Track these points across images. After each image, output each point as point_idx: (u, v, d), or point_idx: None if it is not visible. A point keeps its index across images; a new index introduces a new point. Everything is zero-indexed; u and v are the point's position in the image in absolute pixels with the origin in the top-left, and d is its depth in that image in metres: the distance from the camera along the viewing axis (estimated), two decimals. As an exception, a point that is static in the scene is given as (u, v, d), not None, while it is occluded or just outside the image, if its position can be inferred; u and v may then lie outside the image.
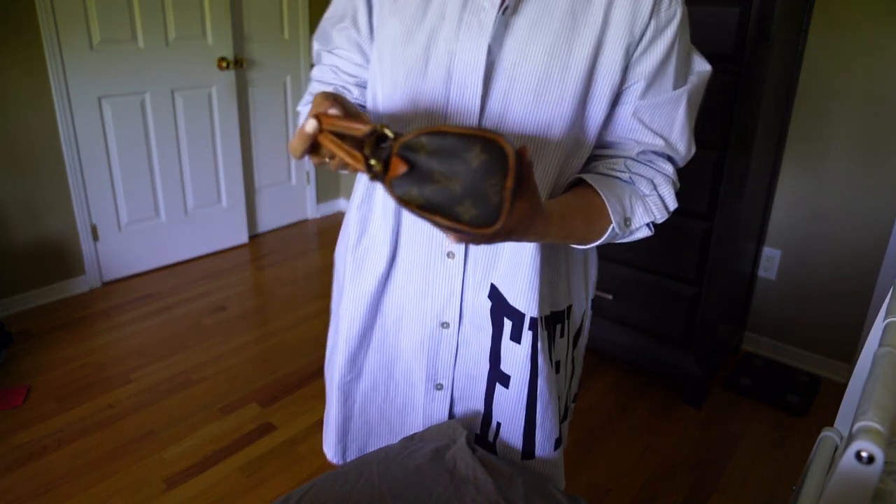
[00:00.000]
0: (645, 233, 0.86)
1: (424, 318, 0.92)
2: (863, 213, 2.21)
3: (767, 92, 1.97)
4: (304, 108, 0.93)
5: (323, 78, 0.94)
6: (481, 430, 0.97)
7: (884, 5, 2.02)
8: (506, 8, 0.75)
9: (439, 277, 0.89)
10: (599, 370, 2.44)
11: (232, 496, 1.83)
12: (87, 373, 2.37)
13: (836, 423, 1.03)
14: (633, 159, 0.84)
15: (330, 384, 1.05)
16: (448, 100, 0.79)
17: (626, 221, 0.82)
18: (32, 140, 2.66)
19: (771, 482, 1.93)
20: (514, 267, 0.86)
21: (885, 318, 0.86)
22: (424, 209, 0.58)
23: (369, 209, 0.92)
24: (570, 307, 0.96)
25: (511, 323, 0.89)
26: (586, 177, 0.83)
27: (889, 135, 2.10)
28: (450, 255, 0.88)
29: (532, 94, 0.77)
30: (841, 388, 2.28)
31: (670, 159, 0.86)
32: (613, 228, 0.81)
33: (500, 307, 0.89)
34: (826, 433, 1.00)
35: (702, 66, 0.85)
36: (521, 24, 0.76)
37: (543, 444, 0.95)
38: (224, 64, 3.15)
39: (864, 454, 0.58)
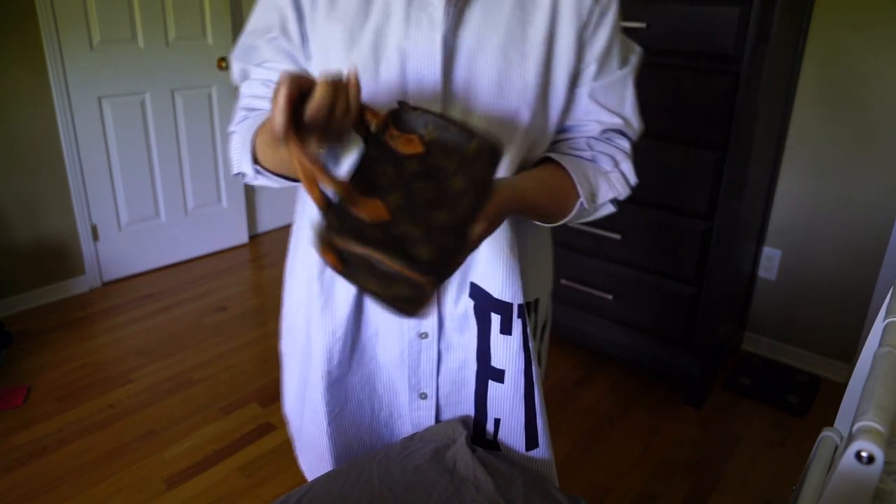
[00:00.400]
0: (609, 209, 0.89)
1: (402, 331, 0.90)
2: (863, 213, 2.21)
3: (767, 92, 1.97)
4: (238, 126, 0.86)
5: (255, 93, 0.86)
6: (477, 431, 0.96)
7: (884, 5, 2.02)
8: (457, 0, 0.76)
9: None
10: (599, 370, 2.44)
11: (232, 496, 1.83)
12: (87, 373, 2.37)
13: (836, 423, 1.03)
14: (594, 138, 0.88)
15: (317, 426, 0.98)
16: (406, 98, 0.77)
17: (593, 196, 0.85)
18: (33, 140, 2.66)
19: (771, 482, 1.93)
20: (493, 261, 0.86)
21: (885, 318, 0.86)
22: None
23: None
24: (537, 300, 0.96)
25: (499, 317, 0.88)
26: (552, 155, 0.85)
27: (889, 135, 2.10)
28: None
29: (495, 85, 0.78)
30: (841, 388, 2.28)
31: (625, 136, 0.90)
32: (581, 203, 0.83)
33: (485, 304, 0.88)
34: (826, 433, 1.00)
35: (636, 47, 0.89)
36: (474, 15, 0.77)
37: (543, 431, 0.95)
38: (224, 64, 3.15)
39: (864, 454, 0.58)
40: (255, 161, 0.81)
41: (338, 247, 0.57)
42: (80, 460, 1.94)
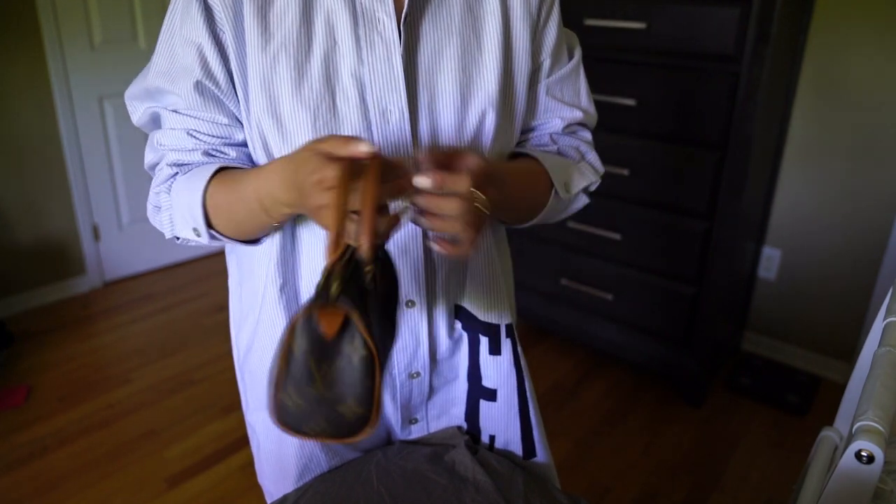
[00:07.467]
0: (584, 201, 0.89)
1: (393, 375, 0.86)
2: (863, 213, 2.21)
3: (767, 92, 1.97)
4: (168, 185, 0.76)
5: (181, 146, 0.75)
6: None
7: (884, 5, 2.02)
8: (406, 16, 0.70)
9: (402, 330, 0.83)
10: (599, 370, 2.44)
11: (232, 496, 1.83)
12: (87, 372, 2.37)
13: (836, 423, 1.03)
14: (557, 133, 0.88)
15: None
16: (371, 130, 0.72)
17: (566, 186, 0.84)
18: (34, 140, 2.66)
19: (771, 482, 1.93)
20: (476, 284, 0.84)
21: (885, 318, 0.86)
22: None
23: (292, 293, 0.81)
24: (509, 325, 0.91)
25: (487, 339, 0.87)
26: (519, 150, 0.85)
27: (889, 135, 2.10)
28: (409, 303, 0.81)
29: (459, 100, 0.75)
30: (841, 388, 2.28)
31: (586, 126, 0.91)
32: (556, 192, 0.82)
33: (472, 326, 0.86)
34: (826, 433, 1.00)
35: (573, 34, 0.89)
36: (427, 28, 0.73)
37: (540, 441, 0.94)
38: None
39: (863, 453, 0.58)
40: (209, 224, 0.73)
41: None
42: (80, 460, 1.94)
